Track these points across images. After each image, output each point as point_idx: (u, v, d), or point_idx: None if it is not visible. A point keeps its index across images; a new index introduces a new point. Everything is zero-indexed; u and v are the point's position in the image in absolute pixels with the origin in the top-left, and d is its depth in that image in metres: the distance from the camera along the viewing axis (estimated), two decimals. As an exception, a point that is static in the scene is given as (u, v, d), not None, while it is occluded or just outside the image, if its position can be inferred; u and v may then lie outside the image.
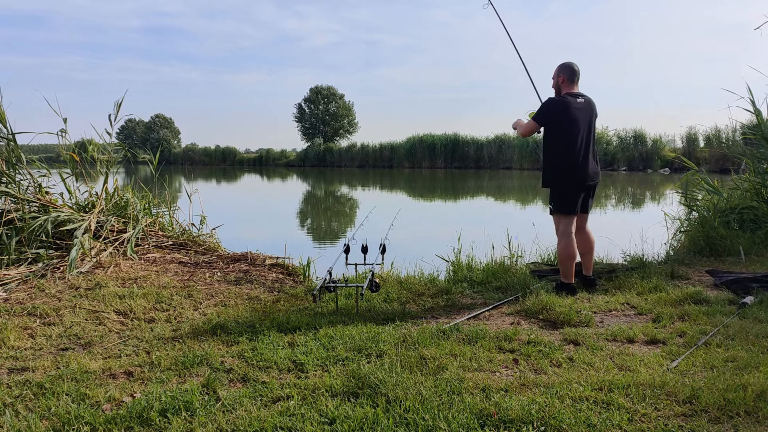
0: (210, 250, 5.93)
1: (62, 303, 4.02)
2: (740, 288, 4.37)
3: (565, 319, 3.70)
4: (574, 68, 4.46)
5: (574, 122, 4.33)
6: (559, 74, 4.49)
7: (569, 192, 4.40)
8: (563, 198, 4.42)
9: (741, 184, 7.06)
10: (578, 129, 4.34)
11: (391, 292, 4.48)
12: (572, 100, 4.37)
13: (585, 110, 4.40)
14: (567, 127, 4.34)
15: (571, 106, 4.35)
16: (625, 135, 31.10)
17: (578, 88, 4.48)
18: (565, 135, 4.34)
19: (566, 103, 4.35)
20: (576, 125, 4.34)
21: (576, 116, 4.34)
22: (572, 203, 4.41)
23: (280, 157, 47.63)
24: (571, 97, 4.39)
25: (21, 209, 5.20)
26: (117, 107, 6.03)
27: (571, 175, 4.37)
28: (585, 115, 4.39)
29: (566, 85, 4.46)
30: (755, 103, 6.88)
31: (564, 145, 4.36)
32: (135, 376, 2.84)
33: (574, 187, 4.40)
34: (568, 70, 4.46)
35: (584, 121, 4.38)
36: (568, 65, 4.48)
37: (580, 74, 4.47)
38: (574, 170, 4.36)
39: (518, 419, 2.29)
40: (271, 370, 2.90)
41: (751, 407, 2.38)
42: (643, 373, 2.78)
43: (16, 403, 2.52)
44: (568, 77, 4.45)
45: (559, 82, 4.49)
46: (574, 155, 4.35)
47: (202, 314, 3.94)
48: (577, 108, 4.36)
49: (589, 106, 4.45)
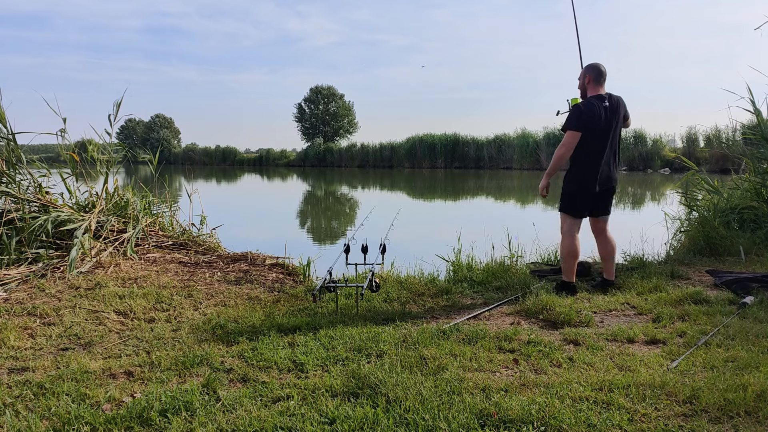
0: (210, 250, 5.93)
1: (62, 303, 4.02)
2: (740, 288, 4.36)
3: (565, 319, 3.70)
4: (600, 69, 4.33)
5: (597, 129, 4.22)
6: (585, 75, 4.37)
7: (579, 196, 4.36)
8: (572, 199, 4.37)
9: (741, 184, 7.05)
10: (602, 136, 4.25)
11: (391, 292, 4.47)
12: (598, 104, 4.24)
13: (611, 114, 4.27)
14: (590, 134, 4.23)
15: (597, 111, 4.22)
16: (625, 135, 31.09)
17: (605, 90, 4.34)
18: (587, 142, 4.24)
19: (593, 109, 4.22)
20: (598, 132, 4.24)
21: (601, 122, 4.22)
22: (580, 207, 4.36)
23: (280, 157, 47.64)
24: (597, 100, 4.26)
25: (21, 209, 5.20)
26: (116, 107, 6.03)
27: (585, 182, 4.31)
28: (610, 120, 4.27)
29: (592, 86, 4.33)
30: (755, 103, 6.88)
31: (586, 152, 4.27)
32: (135, 376, 2.84)
33: (585, 193, 4.34)
34: (594, 71, 4.33)
35: (609, 126, 4.26)
36: (594, 66, 4.35)
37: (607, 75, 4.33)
38: (591, 178, 4.29)
39: (518, 419, 2.29)
40: (271, 370, 2.90)
41: (751, 407, 2.38)
42: (643, 373, 2.78)
43: (16, 403, 2.52)
44: (594, 78, 4.32)
45: (585, 83, 4.37)
46: (594, 164, 4.27)
47: (202, 314, 3.94)
48: (603, 114, 4.23)
49: (616, 107, 4.31)
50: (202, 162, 50.45)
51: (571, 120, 4.29)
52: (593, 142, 4.26)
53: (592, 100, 4.28)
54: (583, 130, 4.24)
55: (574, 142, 4.27)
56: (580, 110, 4.26)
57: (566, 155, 4.34)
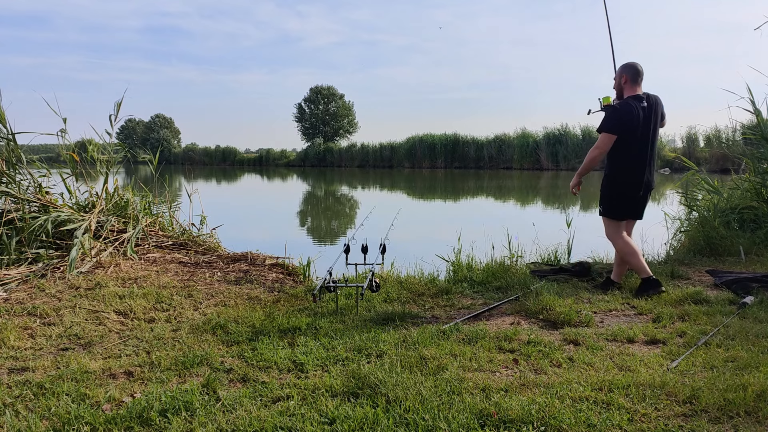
0: (210, 250, 5.93)
1: (62, 303, 4.02)
2: (740, 288, 4.36)
3: (565, 319, 3.70)
4: (637, 68, 4.21)
5: (636, 131, 4.13)
6: (622, 74, 4.26)
7: (622, 200, 4.30)
8: (615, 203, 4.31)
9: (741, 184, 7.05)
10: (640, 137, 4.16)
11: (391, 292, 4.47)
12: (636, 105, 4.14)
13: (649, 115, 4.17)
14: (629, 136, 4.14)
15: (635, 112, 4.12)
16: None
17: (642, 89, 4.24)
18: (626, 144, 4.16)
19: (631, 110, 4.12)
20: (637, 133, 4.14)
21: (639, 124, 4.13)
22: (623, 210, 4.30)
23: (280, 157, 47.65)
24: (635, 100, 4.16)
25: (21, 209, 5.20)
26: (117, 107, 6.03)
27: (628, 185, 4.25)
28: (648, 121, 4.17)
29: (629, 86, 4.23)
30: (755, 103, 6.88)
31: (627, 155, 4.19)
32: (135, 376, 2.84)
33: (628, 196, 4.29)
34: (631, 71, 4.22)
35: (647, 127, 4.17)
36: (631, 65, 4.24)
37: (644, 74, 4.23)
38: (634, 182, 4.23)
39: (518, 419, 2.29)
40: (271, 370, 2.90)
41: (751, 407, 2.38)
42: (643, 373, 2.78)
43: (16, 403, 2.52)
44: (631, 78, 4.21)
45: (622, 83, 4.26)
46: (636, 166, 4.20)
47: (202, 314, 3.94)
48: (641, 114, 4.13)
49: (654, 108, 4.20)
50: (202, 162, 50.44)
51: (606, 121, 4.19)
52: (633, 144, 4.16)
53: (630, 101, 4.16)
54: (619, 132, 4.14)
55: (609, 145, 4.18)
56: (616, 111, 4.16)
57: (599, 157, 4.25)
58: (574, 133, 31.32)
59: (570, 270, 5.10)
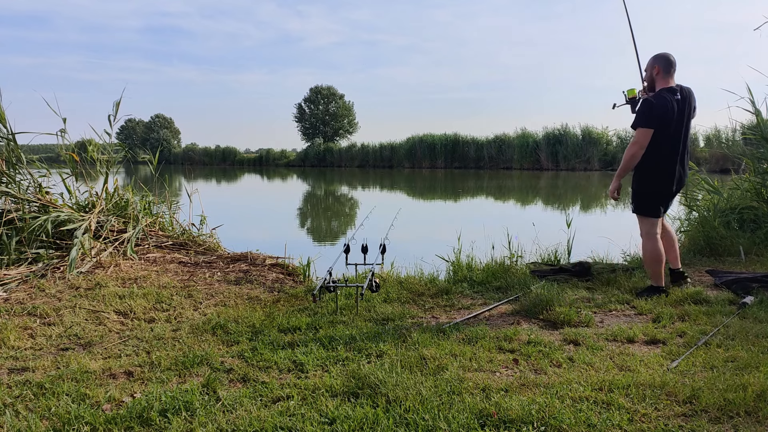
0: (210, 250, 5.93)
1: (62, 303, 4.02)
2: (740, 288, 4.36)
3: (565, 319, 3.69)
4: (670, 59, 4.10)
5: (670, 124, 4.03)
6: (653, 65, 4.15)
7: (658, 196, 4.21)
8: (651, 200, 4.21)
9: (741, 184, 7.05)
10: (674, 131, 4.06)
11: (391, 292, 4.47)
12: (671, 98, 4.03)
13: (682, 108, 4.07)
14: (664, 130, 4.03)
15: (670, 105, 4.01)
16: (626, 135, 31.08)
17: (674, 81, 4.13)
18: (660, 138, 4.05)
19: (666, 103, 4.01)
20: (671, 127, 4.04)
21: (674, 117, 4.03)
22: (657, 207, 4.22)
23: (280, 157, 47.65)
24: (669, 93, 4.05)
25: (21, 209, 5.20)
26: (116, 107, 6.03)
27: (663, 181, 4.15)
28: (682, 114, 4.07)
29: (661, 78, 4.12)
30: (755, 103, 6.87)
31: (662, 149, 4.07)
32: (135, 376, 2.84)
33: (663, 192, 4.21)
34: (664, 61, 4.10)
35: (680, 121, 4.07)
36: (664, 56, 4.12)
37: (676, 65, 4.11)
38: (669, 177, 4.13)
39: (518, 419, 2.29)
40: (271, 370, 2.90)
41: (751, 407, 2.38)
42: (643, 373, 2.78)
43: (16, 403, 2.52)
44: (663, 69, 4.10)
45: (654, 74, 4.15)
46: (671, 161, 4.11)
47: (202, 314, 3.94)
48: (675, 107, 4.03)
49: (687, 101, 4.10)
50: (202, 162, 50.45)
51: (641, 116, 4.08)
52: (667, 138, 4.05)
53: (664, 93, 4.06)
54: (655, 126, 4.02)
55: (647, 140, 4.05)
56: (651, 105, 4.03)
57: (639, 154, 4.10)
58: (574, 133, 31.34)
59: (570, 270, 5.10)
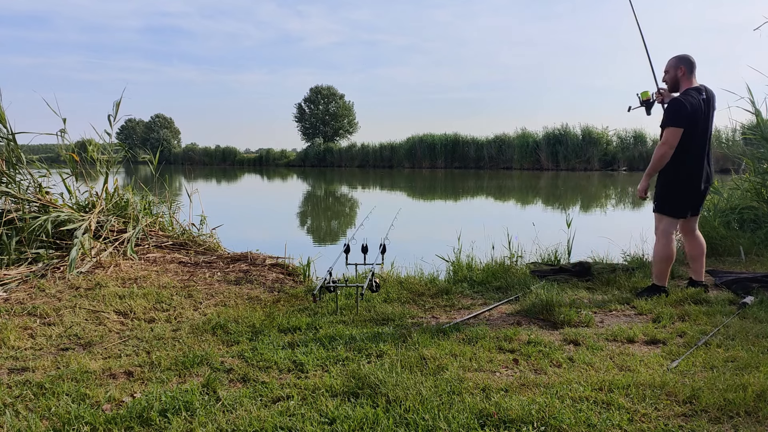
0: (210, 250, 5.93)
1: (62, 303, 4.02)
2: (740, 288, 4.37)
3: (565, 319, 3.70)
4: (692, 60, 4.16)
5: (698, 124, 4.07)
6: (678, 66, 4.17)
7: (684, 196, 4.20)
8: (675, 200, 4.21)
9: (741, 184, 7.06)
10: (699, 131, 4.09)
11: (391, 292, 4.47)
12: (698, 97, 4.07)
13: (707, 107, 4.11)
14: (692, 129, 4.06)
15: (698, 105, 4.05)
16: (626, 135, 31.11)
17: (696, 81, 4.17)
18: (688, 138, 4.06)
19: (693, 103, 4.04)
20: (697, 127, 4.07)
21: (701, 116, 4.07)
22: (681, 208, 4.22)
23: (280, 157, 47.64)
24: (695, 92, 4.09)
25: (21, 209, 5.20)
26: (116, 107, 6.03)
27: (691, 181, 4.16)
28: (708, 114, 4.12)
29: (686, 78, 4.16)
30: (755, 103, 6.88)
31: (689, 149, 4.09)
32: (135, 376, 2.84)
33: (690, 192, 4.20)
34: (687, 62, 4.15)
35: (706, 120, 4.12)
36: (687, 57, 4.17)
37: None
38: (697, 177, 4.15)
39: (518, 419, 2.29)
40: (271, 370, 2.90)
41: (751, 407, 2.38)
42: (643, 373, 2.78)
43: (16, 403, 2.52)
44: (688, 69, 4.14)
45: (679, 75, 4.17)
46: (699, 161, 4.13)
47: (202, 314, 3.94)
48: (702, 106, 4.07)
49: (710, 101, 4.15)
50: (202, 162, 50.44)
51: (672, 115, 4.08)
52: (694, 137, 4.08)
53: (692, 93, 4.09)
54: (684, 125, 4.04)
55: (676, 140, 4.06)
56: (681, 104, 4.05)
57: (668, 153, 4.10)
58: (574, 133, 31.32)
59: (570, 270, 5.10)
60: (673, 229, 4.25)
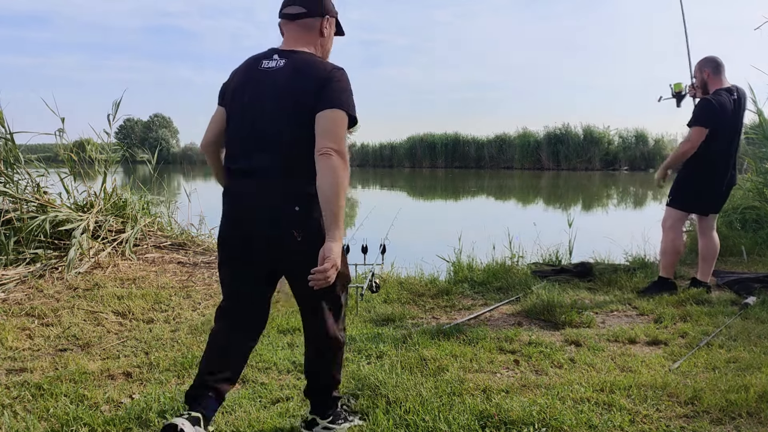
0: (209, 250, 5.91)
1: (60, 303, 4.00)
2: (742, 288, 4.35)
3: (567, 320, 3.68)
4: (717, 61, 4.17)
5: (726, 124, 4.06)
6: (703, 70, 4.20)
7: (704, 194, 4.19)
8: (693, 197, 4.20)
9: (743, 184, 7.03)
10: (731, 131, 4.09)
11: (392, 292, 4.46)
12: (727, 98, 4.06)
13: (738, 108, 4.11)
14: (719, 130, 4.05)
15: (728, 105, 4.04)
16: (627, 134, 31.02)
17: (727, 81, 4.16)
18: (714, 138, 4.04)
19: (722, 103, 4.04)
20: (727, 127, 4.07)
21: (729, 117, 4.06)
22: (700, 204, 4.22)
23: (280, 157, 47.59)
24: (726, 93, 4.08)
25: (19, 209, 5.17)
26: (116, 106, 6.00)
27: (713, 180, 4.15)
28: (737, 114, 4.11)
29: (713, 79, 4.16)
30: (757, 102, 6.84)
31: (715, 148, 4.08)
32: (133, 377, 2.83)
33: (711, 191, 4.19)
34: (711, 64, 4.17)
35: (737, 120, 4.11)
36: (710, 59, 4.19)
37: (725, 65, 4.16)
38: (720, 176, 4.14)
39: (519, 420, 2.27)
40: (270, 371, 2.88)
41: (753, 408, 2.36)
42: (644, 374, 2.77)
43: (14, 404, 2.50)
44: (713, 71, 4.15)
45: (705, 77, 4.19)
46: (724, 161, 4.12)
47: (201, 314, 3.92)
48: (731, 106, 4.06)
49: (741, 101, 4.14)
50: (201, 162, 50.40)
51: (699, 115, 4.08)
52: (722, 137, 4.07)
53: (723, 93, 4.08)
54: (712, 125, 4.04)
55: (701, 139, 4.05)
56: (710, 105, 4.06)
57: (690, 152, 4.11)
58: (575, 132, 31.26)
59: (571, 270, 5.08)
60: (681, 224, 4.27)
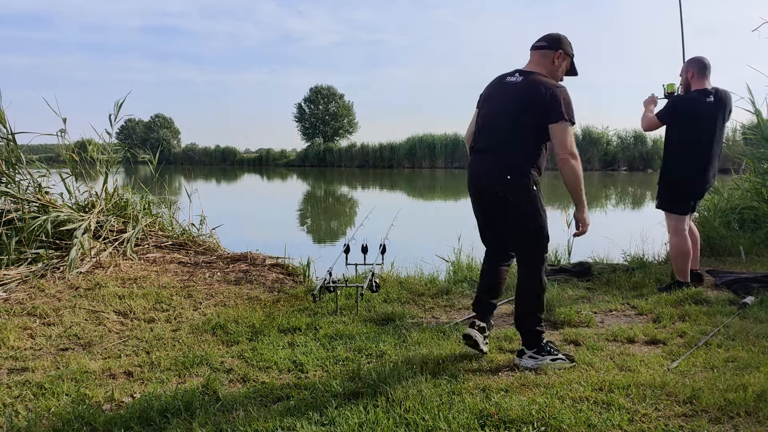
0: (210, 250, 5.92)
1: (62, 303, 4.01)
2: (741, 288, 4.36)
3: (566, 319, 3.69)
4: (704, 62, 4.25)
5: (699, 123, 4.16)
6: (687, 69, 4.31)
7: (687, 193, 4.27)
8: (680, 197, 4.29)
9: (741, 184, 7.05)
10: (703, 131, 4.17)
11: (391, 292, 4.47)
12: (701, 99, 4.17)
13: (714, 109, 4.18)
14: (691, 128, 4.17)
15: (699, 105, 4.16)
16: (626, 135, 31.09)
17: (710, 83, 4.25)
18: (688, 136, 4.17)
19: (693, 103, 4.19)
20: (700, 127, 4.16)
21: (702, 117, 4.16)
22: (688, 204, 4.29)
23: (280, 157, 47.59)
24: (700, 95, 4.19)
25: (21, 209, 5.19)
26: (118, 107, 6.02)
27: (694, 179, 4.22)
28: (713, 115, 4.18)
29: (696, 80, 4.25)
30: (755, 103, 6.86)
31: (686, 147, 4.21)
32: (135, 376, 2.84)
33: (694, 189, 4.27)
34: (697, 65, 4.25)
35: (711, 121, 4.17)
36: (697, 59, 4.28)
37: (711, 68, 4.24)
38: (700, 175, 4.21)
39: (518, 419, 2.29)
40: (271, 371, 2.90)
41: (751, 407, 2.37)
42: (643, 373, 2.78)
43: (15, 403, 2.52)
44: (697, 71, 4.24)
45: (689, 77, 4.29)
46: (703, 159, 4.19)
47: (202, 314, 3.94)
48: (705, 107, 4.16)
49: (720, 103, 4.20)
50: (201, 162, 50.39)
51: (663, 110, 4.34)
52: (697, 138, 4.18)
53: (694, 94, 4.22)
54: (667, 122, 4.29)
55: (652, 128, 4.46)
56: (674, 105, 4.29)
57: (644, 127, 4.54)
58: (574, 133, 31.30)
59: (570, 270, 5.10)
60: (683, 225, 4.31)
